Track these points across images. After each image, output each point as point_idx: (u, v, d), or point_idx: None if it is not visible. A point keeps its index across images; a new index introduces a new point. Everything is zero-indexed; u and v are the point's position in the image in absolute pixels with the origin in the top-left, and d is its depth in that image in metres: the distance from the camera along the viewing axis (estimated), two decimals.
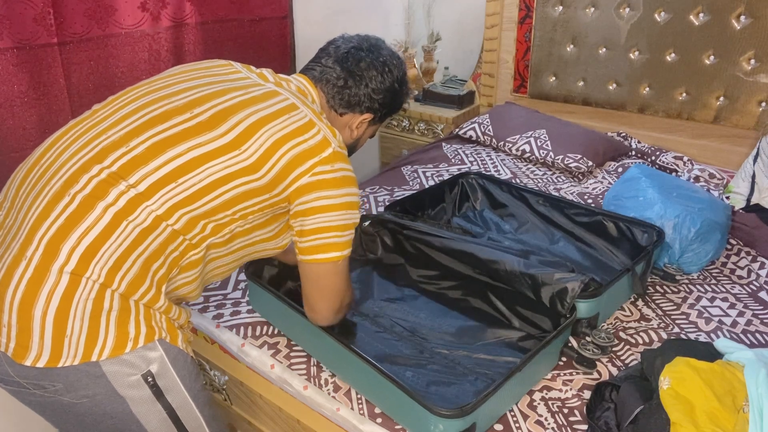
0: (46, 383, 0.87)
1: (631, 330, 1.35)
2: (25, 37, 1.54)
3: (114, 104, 1.00)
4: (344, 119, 1.17)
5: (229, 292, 1.48)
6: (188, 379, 0.97)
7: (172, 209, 0.91)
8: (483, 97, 2.77)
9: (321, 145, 0.99)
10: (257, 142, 0.95)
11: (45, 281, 0.84)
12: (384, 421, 1.09)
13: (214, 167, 0.93)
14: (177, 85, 1.02)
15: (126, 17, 1.75)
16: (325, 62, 1.14)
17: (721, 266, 1.61)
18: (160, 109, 0.96)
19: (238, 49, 2.09)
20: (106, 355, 0.86)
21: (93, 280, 0.85)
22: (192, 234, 0.94)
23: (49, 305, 0.83)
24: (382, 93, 1.15)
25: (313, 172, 0.98)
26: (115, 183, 0.89)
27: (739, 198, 1.83)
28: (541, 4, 2.42)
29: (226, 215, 0.97)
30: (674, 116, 2.24)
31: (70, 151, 0.93)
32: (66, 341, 0.85)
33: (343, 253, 1.04)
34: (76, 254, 0.85)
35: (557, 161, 2.16)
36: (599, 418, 1.07)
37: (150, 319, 0.91)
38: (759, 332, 1.34)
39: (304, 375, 1.22)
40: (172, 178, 0.91)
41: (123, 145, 0.92)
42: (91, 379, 0.87)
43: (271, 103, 1.01)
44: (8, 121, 1.57)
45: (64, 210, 0.87)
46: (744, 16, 1.99)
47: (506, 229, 1.74)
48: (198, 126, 0.94)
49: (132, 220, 0.88)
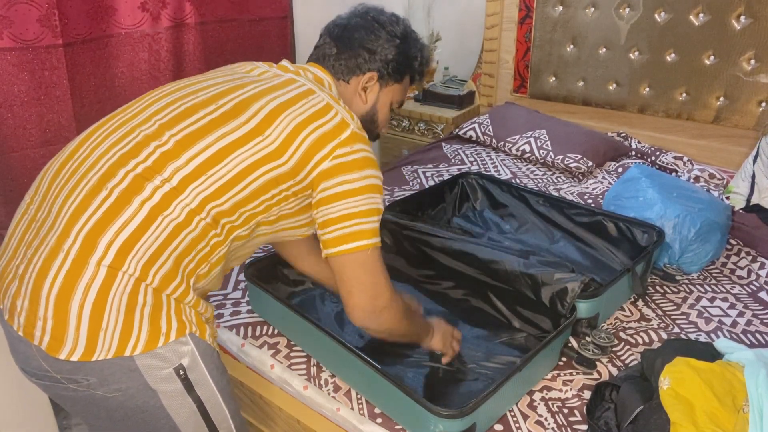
0: (79, 377, 0.87)
1: (631, 330, 1.35)
2: (29, 38, 1.54)
3: (144, 101, 1.02)
4: (352, 86, 1.15)
5: (229, 292, 1.48)
6: (216, 373, 0.98)
7: (204, 202, 0.91)
8: (483, 97, 2.77)
9: (340, 127, 0.99)
10: (279, 127, 0.96)
11: (83, 274, 0.84)
12: (384, 421, 1.10)
13: (241, 155, 0.93)
14: (203, 82, 1.04)
15: (126, 17, 1.75)
16: (320, 42, 1.17)
17: (721, 266, 1.61)
18: (188, 104, 0.98)
19: (238, 49, 2.09)
20: (139, 349, 0.87)
21: (129, 274, 0.86)
22: (221, 228, 0.95)
23: (86, 298, 0.84)
24: (378, 47, 1.13)
25: (333, 155, 0.98)
26: (150, 178, 0.90)
27: (739, 198, 1.83)
28: (541, 4, 2.42)
29: (254, 206, 0.97)
30: (674, 116, 2.24)
31: (105, 145, 0.94)
32: (101, 335, 0.85)
33: (371, 241, 1.00)
34: (114, 248, 0.85)
35: (557, 161, 2.16)
36: (599, 418, 1.07)
37: (181, 314, 0.92)
38: (759, 332, 1.34)
39: (304, 375, 1.22)
40: (203, 171, 0.92)
41: (156, 139, 0.93)
42: (125, 372, 0.88)
43: (289, 89, 1.02)
44: (9, 120, 1.57)
45: (102, 203, 0.87)
46: (744, 16, 1.99)
47: (506, 229, 1.74)
48: (223, 116, 0.96)
49: (167, 215, 0.89)
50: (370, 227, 1.00)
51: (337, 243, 0.99)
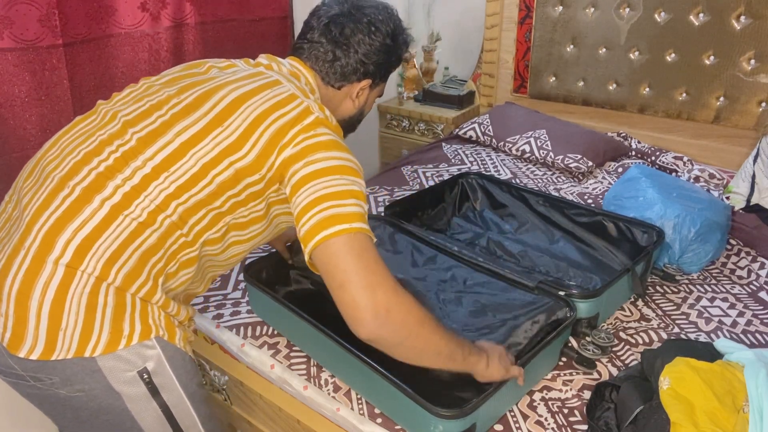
0: (42, 376, 0.87)
1: (631, 330, 1.35)
2: (29, 38, 1.54)
3: (115, 100, 1.02)
4: (343, 91, 1.13)
5: (229, 292, 1.49)
6: (185, 378, 0.97)
7: (168, 200, 0.90)
8: (483, 97, 2.77)
9: (302, 114, 0.95)
10: (239, 118, 0.94)
11: (41, 273, 0.84)
12: (384, 422, 1.10)
13: (202, 150, 0.92)
14: (173, 77, 1.04)
15: (126, 17, 1.75)
16: (311, 37, 1.11)
17: (721, 266, 1.61)
18: (154, 100, 0.98)
19: (238, 49, 2.09)
20: (99, 351, 0.86)
21: (88, 273, 0.85)
22: (188, 227, 0.93)
23: (45, 297, 0.84)
24: (375, 54, 1.11)
25: (295, 142, 0.93)
26: (111, 176, 0.89)
27: (739, 198, 1.83)
28: (541, 4, 2.42)
29: (220, 203, 0.94)
30: (674, 116, 2.24)
31: (73, 145, 0.94)
32: (61, 334, 0.85)
33: (355, 225, 0.85)
34: (72, 246, 0.85)
35: (557, 161, 2.16)
36: (599, 419, 1.07)
37: (147, 317, 0.91)
38: (759, 332, 1.34)
39: (304, 375, 1.22)
40: (164, 168, 0.91)
41: (119, 138, 0.93)
42: (87, 373, 0.87)
43: (254, 80, 1.00)
44: (9, 121, 1.57)
45: (63, 201, 0.87)
46: (744, 16, 1.99)
47: (506, 229, 1.74)
48: (184, 109, 0.95)
49: (129, 213, 0.88)
50: (350, 210, 0.86)
51: (315, 232, 0.85)
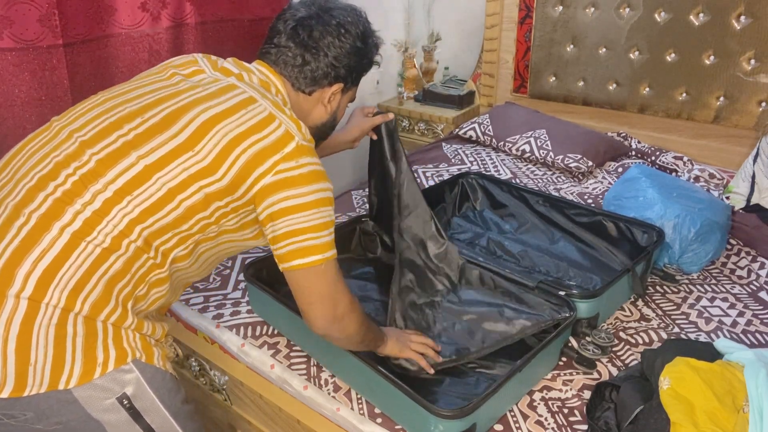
0: (15, 412, 0.83)
1: (631, 330, 1.35)
2: (29, 38, 1.53)
3: (70, 115, 0.95)
4: (314, 97, 1.10)
5: (229, 292, 1.48)
6: (167, 397, 0.94)
7: (132, 224, 0.86)
8: (483, 97, 2.77)
9: (282, 140, 0.93)
10: (211, 142, 0.90)
11: (2, 308, 0.79)
12: (384, 421, 1.10)
13: (168, 174, 0.88)
14: (134, 90, 0.97)
15: (126, 17, 1.75)
16: (278, 41, 1.07)
17: (721, 266, 1.61)
18: (112, 118, 0.91)
19: (238, 49, 2.09)
20: (73, 383, 0.83)
21: (53, 305, 0.81)
22: (154, 251, 0.90)
23: (9, 333, 0.79)
24: (346, 57, 1.07)
25: (275, 171, 0.92)
26: (70, 202, 0.84)
27: (739, 198, 1.83)
28: (541, 4, 2.42)
29: (188, 226, 0.91)
30: (674, 116, 2.24)
31: (26, 167, 0.88)
32: (30, 369, 0.80)
33: (325, 255, 0.95)
34: (33, 279, 0.80)
35: (557, 161, 2.16)
36: (599, 418, 1.07)
37: (120, 341, 0.87)
38: (759, 332, 1.34)
39: (304, 375, 1.22)
40: (127, 191, 0.86)
41: (76, 160, 0.87)
42: (63, 405, 0.84)
43: (227, 98, 0.95)
44: (9, 121, 1.57)
45: (19, 231, 0.82)
46: (744, 16, 1.99)
47: (506, 229, 1.74)
48: (149, 130, 0.90)
49: (91, 240, 0.84)
50: (323, 241, 0.95)
51: (291, 257, 0.95)
